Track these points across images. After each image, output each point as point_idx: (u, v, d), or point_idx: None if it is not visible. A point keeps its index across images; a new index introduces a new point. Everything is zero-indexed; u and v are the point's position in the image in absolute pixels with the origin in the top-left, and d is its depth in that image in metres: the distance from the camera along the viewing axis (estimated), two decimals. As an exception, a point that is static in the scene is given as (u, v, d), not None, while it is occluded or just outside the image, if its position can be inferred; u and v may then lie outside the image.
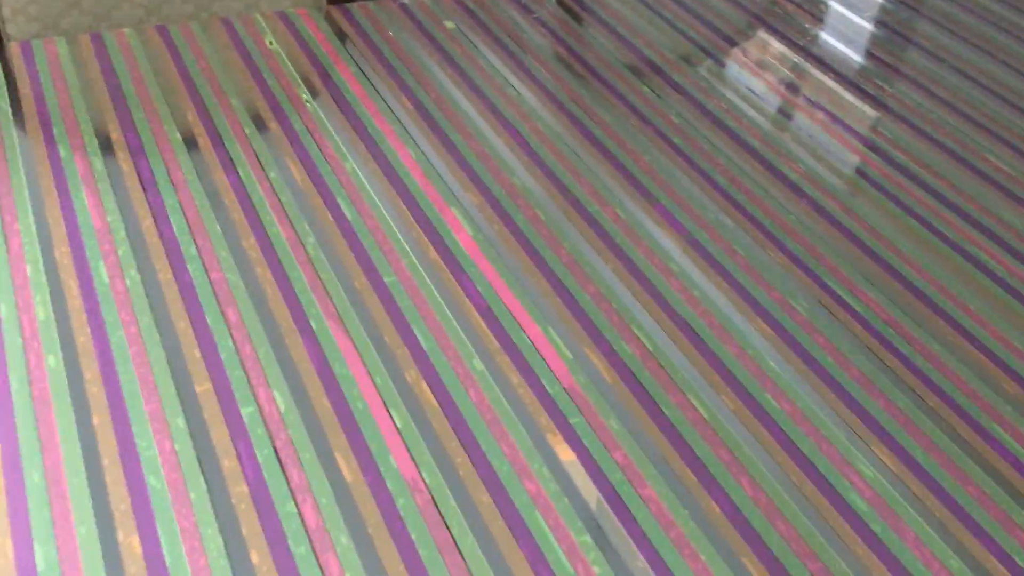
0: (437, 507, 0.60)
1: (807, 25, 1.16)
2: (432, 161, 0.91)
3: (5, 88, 0.95)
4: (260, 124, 0.94)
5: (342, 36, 1.09)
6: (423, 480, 0.62)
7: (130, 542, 0.57)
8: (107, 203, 0.82)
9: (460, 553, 0.58)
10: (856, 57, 1.14)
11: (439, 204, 0.86)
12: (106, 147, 0.89)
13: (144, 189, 0.84)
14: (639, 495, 0.62)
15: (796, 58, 1.11)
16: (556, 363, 0.71)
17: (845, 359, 0.73)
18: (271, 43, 1.07)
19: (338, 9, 1.16)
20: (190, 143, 0.91)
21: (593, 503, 0.61)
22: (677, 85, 1.06)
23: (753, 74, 1.08)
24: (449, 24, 1.13)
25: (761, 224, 0.86)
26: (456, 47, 1.09)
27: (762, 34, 1.16)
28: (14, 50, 1.02)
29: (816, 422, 0.68)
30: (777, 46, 1.14)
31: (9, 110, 0.92)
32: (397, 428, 0.65)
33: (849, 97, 1.06)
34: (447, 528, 0.59)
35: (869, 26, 1.20)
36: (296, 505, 0.60)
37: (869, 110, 1.05)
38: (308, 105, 0.97)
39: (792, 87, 1.06)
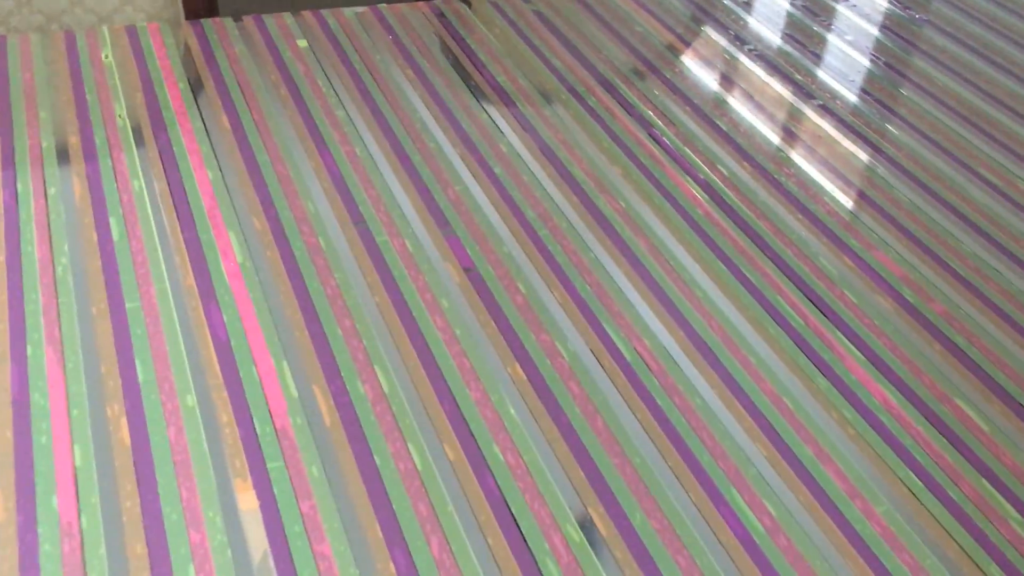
0: (83, 556, 0.56)
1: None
2: (228, 183, 0.88)
3: None
4: (60, 139, 0.91)
5: (185, 52, 1.06)
6: (79, 525, 0.58)
7: None
8: None
9: (88, 607, 0.54)
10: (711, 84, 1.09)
11: (218, 228, 0.82)
12: None
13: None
14: (312, 551, 0.57)
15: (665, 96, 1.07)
16: (277, 401, 0.67)
17: (594, 411, 0.68)
18: (106, 57, 1.04)
19: (192, 25, 1.13)
20: (-18, 156, 0.88)
21: (258, 557, 0.57)
22: (514, 109, 1.01)
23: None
24: (301, 43, 1.10)
25: (555, 261, 0.81)
26: (300, 66, 1.06)
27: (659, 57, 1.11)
28: None
29: (538, 477, 0.63)
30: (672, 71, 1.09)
31: None
32: (75, 466, 0.61)
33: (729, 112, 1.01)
34: (85, 579, 0.55)
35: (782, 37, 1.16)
36: (-71, 546, 0.56)
37: (726, 130, 1.00)
38: (119, 120, 0.94)
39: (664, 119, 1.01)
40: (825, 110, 1.06)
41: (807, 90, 1.09)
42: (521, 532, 0.59)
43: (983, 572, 0.59)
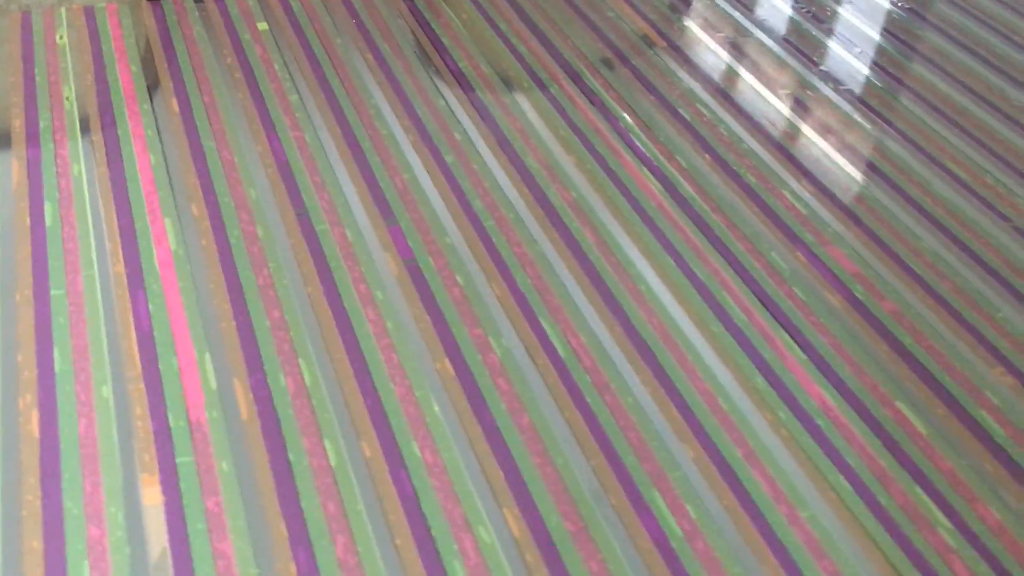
0: (-23, 549, 0.55)
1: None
2: (170, 168, 0.86)
3: None
4: (3, 121, 0.89)
5: (142, 34, 1.05)
6: (-23, 518, 0.57)
7: None
8: None
9: (-25, 604, 0.52)
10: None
11: (154, 214, 0.81)
12: None
13: None
14: (212, 549, 0.56)
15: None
16: (195, 394, 0.65)
17: (521, 409, 0.66)
18: (61, 38, 1.03)
19: (152, 6, 1.11)
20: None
21: (156, 554, 0.56)
22: (473, 96, 0.99)
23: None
24: (262, 25, 1.08)
25: (498, 254, 0.79)
26: (258, 49, 1.04)
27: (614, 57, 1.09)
28: None
29: (454, 476, 0.62)
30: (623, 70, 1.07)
31: None
32: (-21, 457, 0.60)
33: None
34: (-24, 574, 0.54)
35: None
36: None
37: (687, 134, 0.98)
38: (67, 103, 0.93)
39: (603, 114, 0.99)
40: (794, 100, 1.03)
41: (776, 81, 1.06)
42: (431, 532, 0.58)
43: (908, 582, 0.58)
